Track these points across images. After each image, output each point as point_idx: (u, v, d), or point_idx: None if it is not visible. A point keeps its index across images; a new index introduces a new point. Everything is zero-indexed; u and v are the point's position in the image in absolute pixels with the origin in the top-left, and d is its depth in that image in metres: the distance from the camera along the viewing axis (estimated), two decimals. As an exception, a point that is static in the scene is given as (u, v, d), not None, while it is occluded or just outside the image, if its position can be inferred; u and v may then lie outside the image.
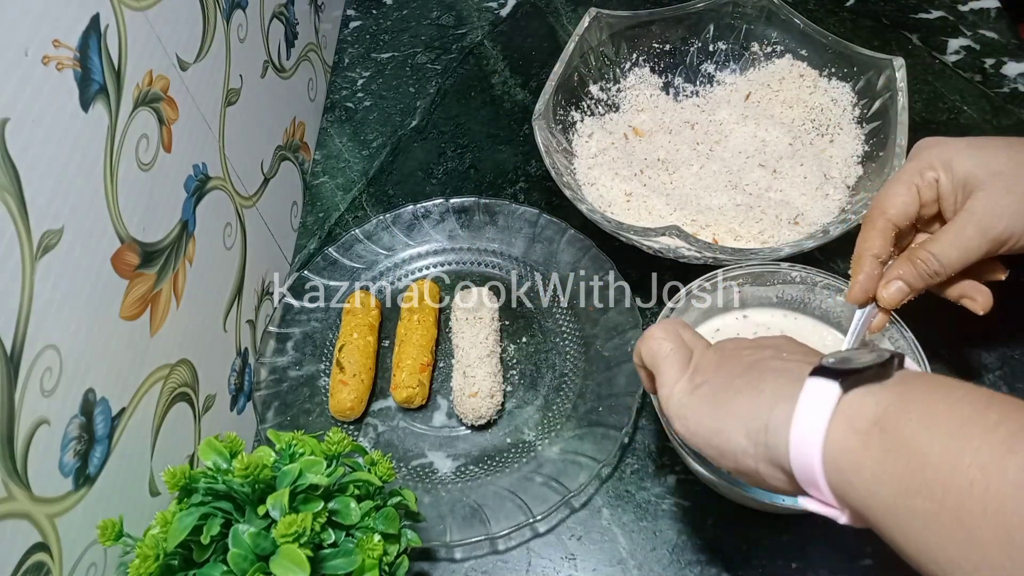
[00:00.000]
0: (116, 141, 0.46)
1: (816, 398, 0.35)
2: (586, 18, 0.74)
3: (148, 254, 0.50)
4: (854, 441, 0.34)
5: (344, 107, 0.87)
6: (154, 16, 0.51)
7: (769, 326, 0.60)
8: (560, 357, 0.66)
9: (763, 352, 0.43)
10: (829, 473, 0.34)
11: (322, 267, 0.71)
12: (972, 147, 0.50)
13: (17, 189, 0.38)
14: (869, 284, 0.52)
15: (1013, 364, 0.62)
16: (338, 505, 0.44)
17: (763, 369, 0.40)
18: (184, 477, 0.42)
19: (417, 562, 0.57)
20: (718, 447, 0.40)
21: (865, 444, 0.33)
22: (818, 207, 0.66)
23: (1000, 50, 0.82)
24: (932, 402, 0.33)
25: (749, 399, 0.39)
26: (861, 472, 0.33)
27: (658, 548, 0.56)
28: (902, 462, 0.32)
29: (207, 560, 0.41)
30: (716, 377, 0.42)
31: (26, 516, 0.38)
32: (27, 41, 0.39)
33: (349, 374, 0.62)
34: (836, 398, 0.35)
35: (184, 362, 0.54)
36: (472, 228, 0.73)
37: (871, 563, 0.54)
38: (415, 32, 0.94)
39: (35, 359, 0.39)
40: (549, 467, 0.59)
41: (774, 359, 0.41)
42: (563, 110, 0.73)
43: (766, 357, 0.42)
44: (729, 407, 0.39)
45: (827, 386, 0.35)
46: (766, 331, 0.60)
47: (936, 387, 0.34)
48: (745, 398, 0.39)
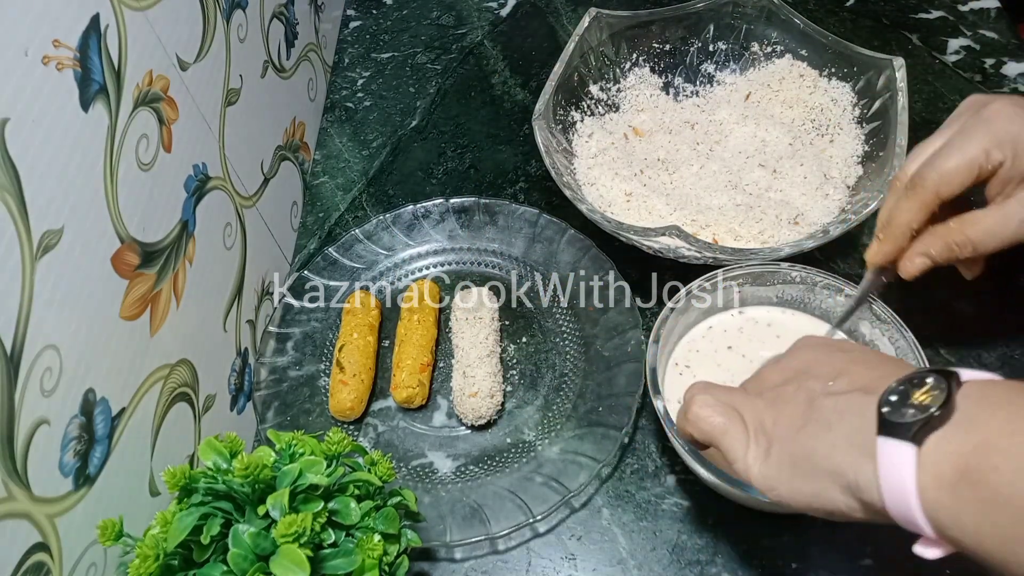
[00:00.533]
0: (116, 141, 0.46)
1: (894, 463, 0.35)
2: (586, 18, 0.74)
3: (148, 254, 0.50)
4: (947, 498, 0.33)
5: (344, 107, 0.87)
6: (154, 16, 0.51)
7: (770, 322, 0.60)
8: (560, 357, 0.66)
9: (806, 385, 0.42)
10: (935, 526, 0.34)
11: (322, 267, 0.71)
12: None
13: (17, 189, 0.38)
14: (895, 254, 0.51)
15: (1013, 364, 0.62)
16: (338, 505, 0.44)
17: (821, 416, 0.40)
18: (184, 477, 0.42)
19: (417, 562, 0.57)
20: (823, 509, 0.39)
21: (957, 498, 0.33)
22: (818, 207, 0.66)
23: (1000, 50, 0.82)
24: (1013, 445, 0.32)
25: (827, 456, 0.38)
26: (963, 526, 0.33)
27: (658, 548, 0.56)
28: (1005, 515, 0.32)
29: (207, 560, 0.41)
30: (782, 436, 0.41)
31: (26, 516, 0.38)
32: (27, 41, 0.39)
33: (349, 374, 0.62)
34: (914, 459, 0.34)
35: (184, 362, 0.54)
36: (472, 228, 0.73)
37: (871, 563, 0.54)
38: (415, 32, 0.94)
39: (35, 359, 0.39)
40: (549, 467, 0.59)
41: (825, 396, 0.40)
42: (563, 110, 0.73)
43: (816, 395, 0.41)
44: (813, 470, 0.39)
45: (900, 449, 0.35)
46: (766, 327, 0.60)
47: (1010, 419, 0.33)
48: (823, 456, 0.38)
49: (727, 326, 0.60)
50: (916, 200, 0.49)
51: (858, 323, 0.57)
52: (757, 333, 0.60)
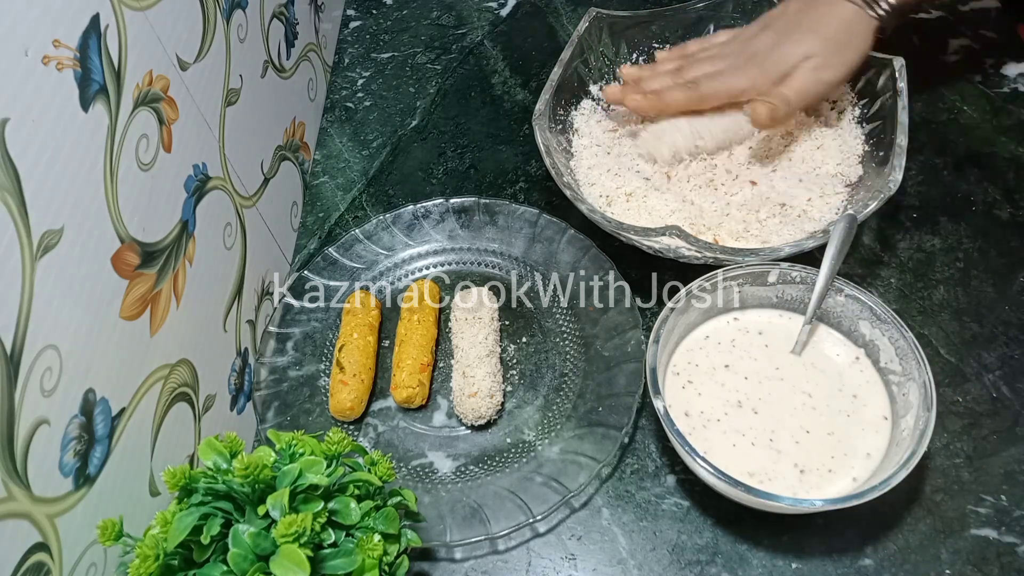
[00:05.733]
0: (116, 141, 0.46)
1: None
2: (586, 18, 0.74)
3: (148, 254, 0.50)
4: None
5: (344, 107, 0.87)
6: (154, 16, 0.51)
7: (762, 329, 0.60)
8: (560, 357, 0.66)
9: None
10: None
11: (322, 267, 0.71)
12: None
13: (17, 189, 0.38)
14: (625, 101, 0.71)
15: (1013, 364, 0.62)
16: (338, 505, 0.44)
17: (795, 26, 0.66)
18: (184, 477, 0.42)
19: (417, 562, 0.57)
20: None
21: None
22: (818, 207, 0.66)
23: (1000, 50, 0.82)
24: None
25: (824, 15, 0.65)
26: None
27: (658, 548, 0.56)
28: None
29: (207, 560, 0.41)
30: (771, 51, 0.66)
31: (26, 516, 0.38)
32: (27, 41, 0.39)
33: (349, 374, 0.62)
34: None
35: (184, 362, 0.54)
36: (472, 228, 0.73)
37: (871, 563, 0.54)
38: (415, 32, 0.94)
39: (35, 359, 0.39)
40: (549, 467, 0.59)
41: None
42: (563, 110, 0.73)
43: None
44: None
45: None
46: (757, 335, 0.60)
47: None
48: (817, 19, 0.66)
49: (730, 332, 0.60)
50: (684, 96, 0.67)
51: (858, 323, 0.57)
52: (754, 339, 0.60)
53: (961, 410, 0.60)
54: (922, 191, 0.73)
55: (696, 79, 0.67)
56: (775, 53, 0.65)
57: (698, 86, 0.67)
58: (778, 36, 0.65)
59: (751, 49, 0.66)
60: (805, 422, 0.55)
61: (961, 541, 0.54)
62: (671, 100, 0.67)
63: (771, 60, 0.65)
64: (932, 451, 0.58)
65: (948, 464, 0.58)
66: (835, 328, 0.59)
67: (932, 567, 0.53)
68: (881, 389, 0.56)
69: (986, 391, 0.61)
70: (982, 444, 0.58)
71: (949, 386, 0.61)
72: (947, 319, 0.65)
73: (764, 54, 0.65)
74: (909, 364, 0.53)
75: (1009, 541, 0.54)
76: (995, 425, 0.59)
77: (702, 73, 0.68)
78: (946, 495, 0.56)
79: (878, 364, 0.57)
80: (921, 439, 0.49)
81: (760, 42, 0.66)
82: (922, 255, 0.69)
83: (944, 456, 0.58)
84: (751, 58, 0.66)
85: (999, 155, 0.74)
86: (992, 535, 0.54)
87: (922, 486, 0.57)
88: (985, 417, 0.59)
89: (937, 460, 0.58)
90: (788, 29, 0.65)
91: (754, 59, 0.66)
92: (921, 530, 0.55)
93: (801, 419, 0.55)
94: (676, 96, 0.67)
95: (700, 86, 0.67)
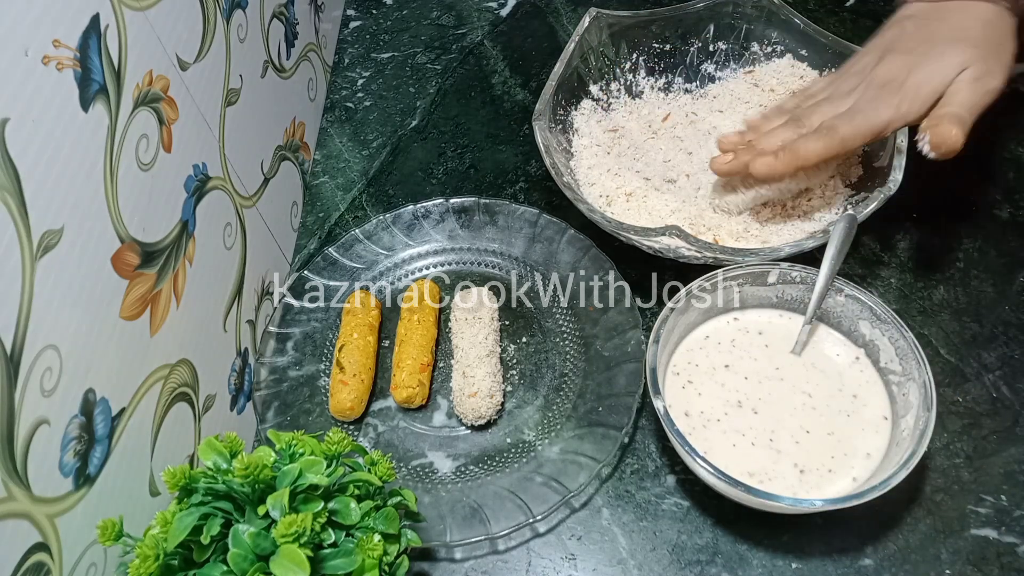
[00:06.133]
0: (116, 141, 0.46)
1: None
2: (586, 18, 0.74)
3: (148, 254, 0.50)
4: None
5: (344, 107, 0.87)
6: (154, 16, 0.51)
7: (762, 329, 0.60)
8: (560, 357, 0.66)
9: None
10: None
11: (322, 267, 0.71)
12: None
13: (17, 189, 0.38)
14: (746, 169, 0.63)
15: (1013, 364, 0.62)
16: (338, 505, 0.44)
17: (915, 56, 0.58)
18: (184, 477, 0.42)
19: (417, 562, 0.57)
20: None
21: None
22: (818, 207, 0.66)
23: (1000, 50, 0.82)
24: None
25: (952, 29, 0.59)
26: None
27: (658, 548, 0.56)
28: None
29: (207, 560, 0.41)
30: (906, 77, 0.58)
31: (26, 516, 0.38)
32: (27, 41, 0.39)
33: (349, 374, 0.62)
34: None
35: (184, 362, 0.54)
36: (472, 228, 0.73)
37: (871, 563, 0.54)
38: (415, 32, 0.94)
39: (35, 359, 0.39)
40: (549, 467, 0.59)
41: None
42: (563, 110, 0.73)
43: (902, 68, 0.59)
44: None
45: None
46: (757, 335, 0.60)
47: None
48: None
49: (729, 333, 0.60)
50: (823, 143, 0.59)
51: (858, 323, 0.57)
52: (754, 339, 0.60)
53: (961, 410, 0.60)
54: (922, 191, 0.73)
55: (830, 124, 0.59)
56: (918, 74, 0.57)
57: (835, 130, 0.58)
58: (912, 57, 0.58)
59: (880, 78, 0.59)
60: (805, 422, 0.55)
61: (961, 541, 0.54)
62: (807, 153, 0.59)
63: (915, 83, 0.57)
64: (932, 451, 0.58)
65: (948, 464, 0.58)
66: (835, 328, 0.59)
67: (932, 567, 0.53)
68: (881, 389, 0.56)
69: (986, 391, 0.61)
70: (982, 444, 0.58)
71: (949, 386, 0.61)
72: (947, 319, 0.65)
73: (902, 79, 0.57)
74: (909, 364, 0.53)
75: (1009, 541, 0.54)
76: (995, 425, 0.59)
77: (830, 116, 0.60)
78: (946, 495, 0.56)
79: (878, 364, 0.57)
80: (921, 439, 0.49)
81: (888, 69, 0.59)
82: (922, 255, 0.69)
83: (944, 456, 0.58)
84: (884, 87, 0.58)
85: (999, 155, 0.74)
86: (992, 535, 0.54)
87: (922, 486, 0.57)
88: (985, 417, 0.59)
89: (937, 460, 0.58)
90: (922, 47, 0.58)
91: (889, 87, 0.58)
92: (921, 530, 0.55)
93: (801, 419, 0.55)
94: (811, 147, 0.59)
95: (838, 129, 0.58)
